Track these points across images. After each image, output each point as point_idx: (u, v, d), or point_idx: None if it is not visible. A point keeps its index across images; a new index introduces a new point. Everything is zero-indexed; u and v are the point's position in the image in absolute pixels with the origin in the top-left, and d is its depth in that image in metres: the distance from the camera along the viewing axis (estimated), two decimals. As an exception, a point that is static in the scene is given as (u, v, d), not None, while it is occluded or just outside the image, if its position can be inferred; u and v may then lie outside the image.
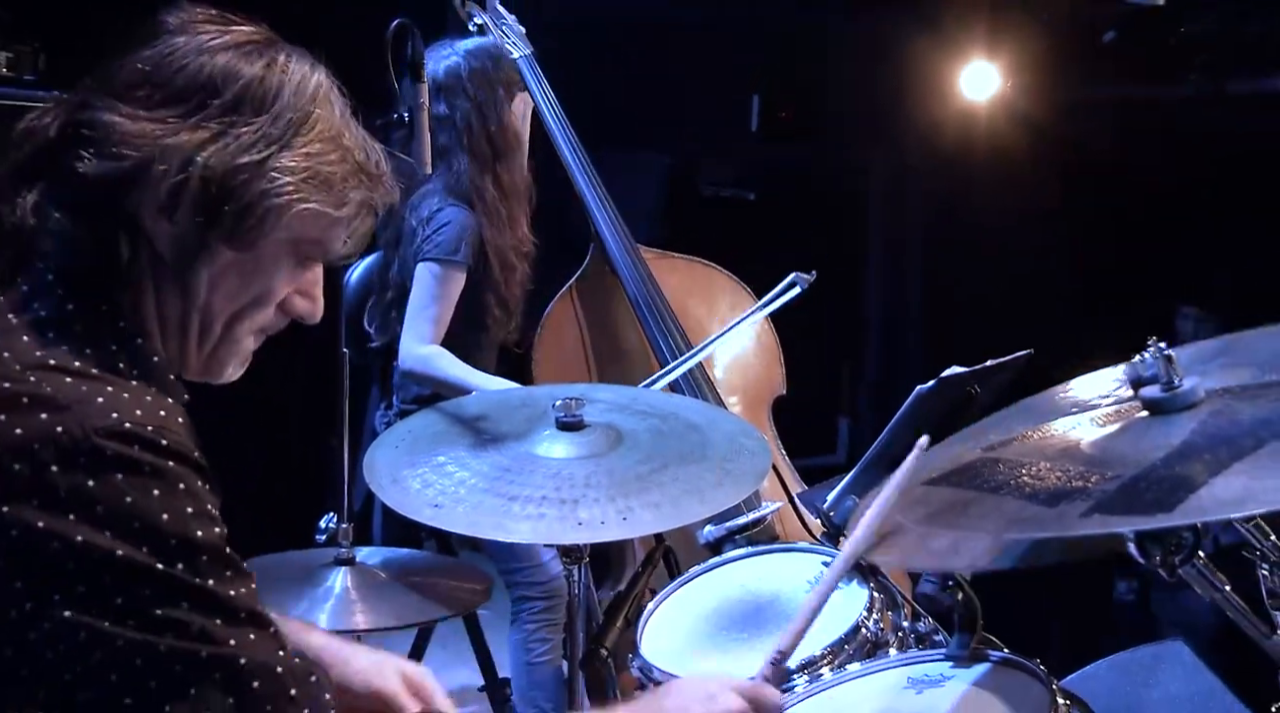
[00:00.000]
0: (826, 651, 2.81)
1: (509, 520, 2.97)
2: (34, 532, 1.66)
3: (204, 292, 1.93)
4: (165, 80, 1.89)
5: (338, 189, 1.95)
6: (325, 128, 1.95)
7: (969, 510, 2.06)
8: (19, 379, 1.74)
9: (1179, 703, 3.90)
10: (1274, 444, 1.80)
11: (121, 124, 1.85)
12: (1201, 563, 1.99)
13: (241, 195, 1.87)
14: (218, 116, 1.87)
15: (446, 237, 4.52)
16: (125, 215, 1.86)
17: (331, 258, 2.04)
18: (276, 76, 1.93)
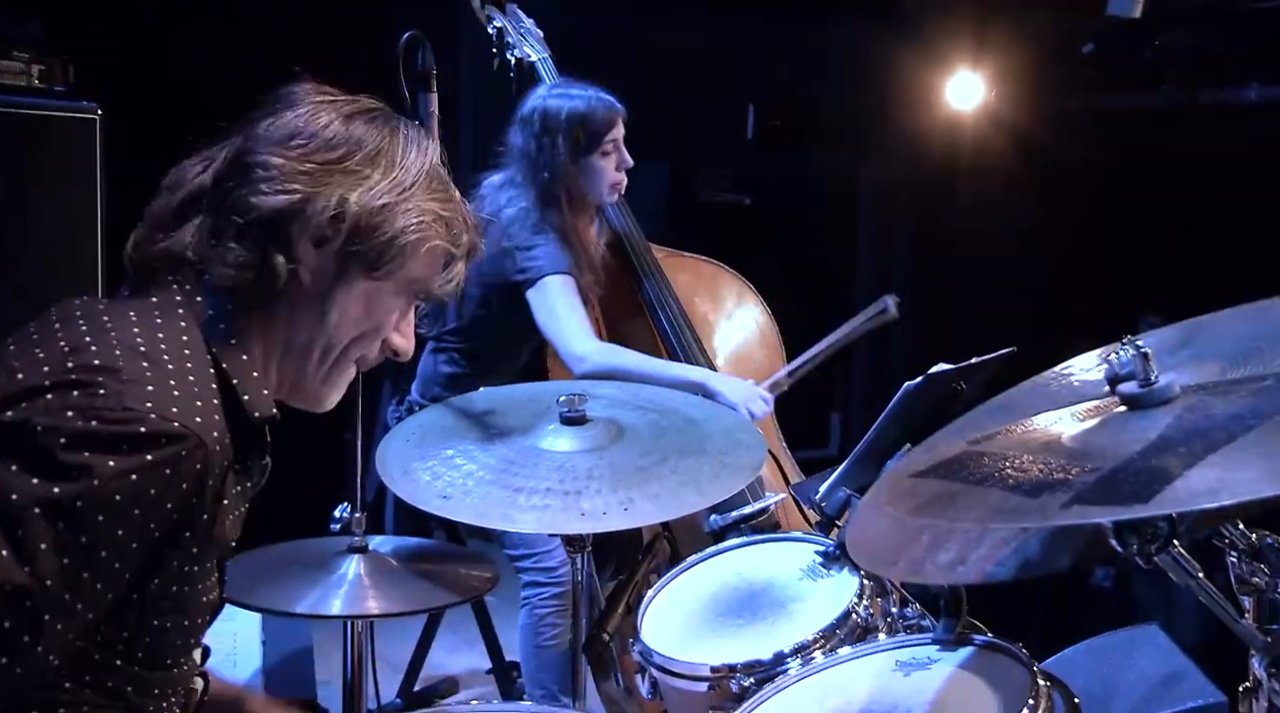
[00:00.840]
0: (819, 635, 2.81)
1: (515, 511, 2.97)
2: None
3: (334, 319, 2.09)
4: (315, 133, 2.06)
5: (455, 231, 2.16)
6: (441, 182, 2.16)
7: (956, 502, 2.06)
8: (103, 353, 1.86)
9: (1153, 683, 3.91)
10: (1245, 438, 1.79)
11: (287, 166, 2.02)
12: (1176, 551, 1.98)
13: (385, 230, 2.06)
14: (361, 165, 2.06)
15: (554, 256, 4.45)
16: (287, 243, 2.02)
17: (430, 297, 2.21)
18: (401, 139, 2.12)
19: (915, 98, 6.81)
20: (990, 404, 2.44)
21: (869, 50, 6.66)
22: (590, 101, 4.54)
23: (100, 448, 1.76)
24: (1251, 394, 1.93)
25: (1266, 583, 2.01)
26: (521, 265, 4.45)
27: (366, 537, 3.40)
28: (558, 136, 4.49)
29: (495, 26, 4.81)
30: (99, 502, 1.76)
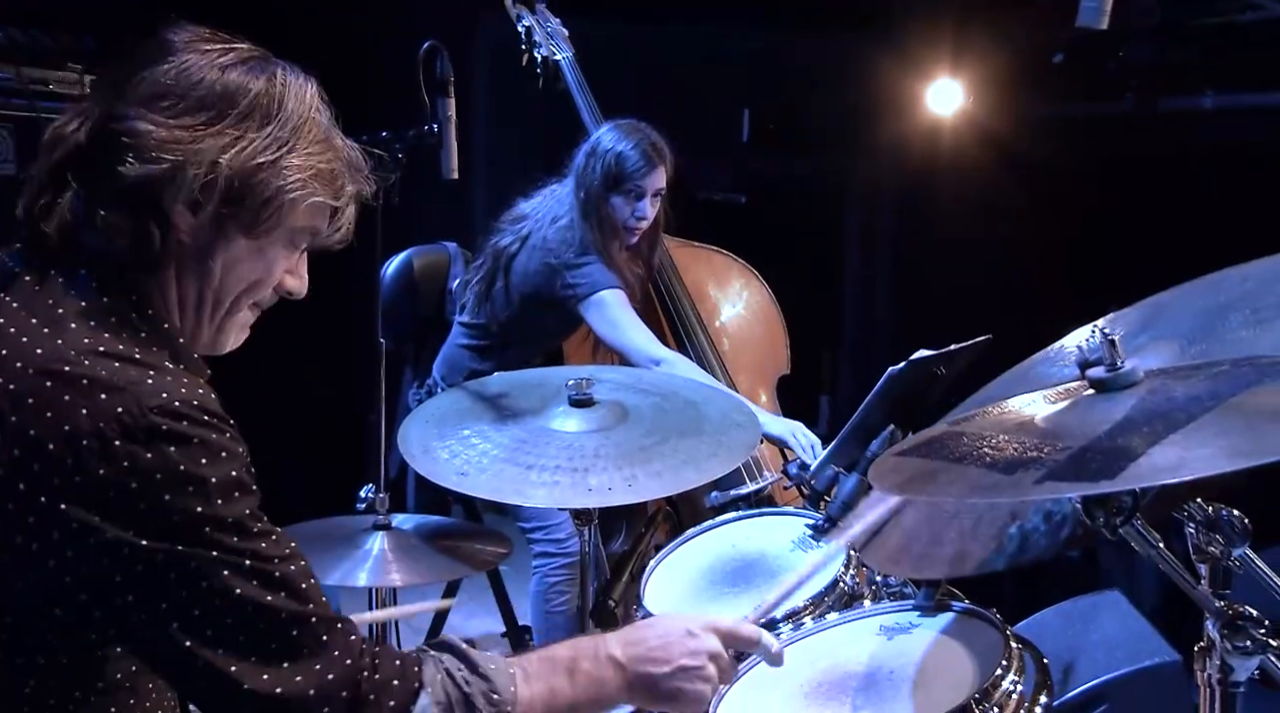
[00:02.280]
0: (809, 602, 2.81)
1: (527, 487, 2.98)
2: (104, 488, 1.71)
3: (219, 274, 1.96)
4: (185, 92, 1.90)
5: (336, 183, 2.00)
6: (319, 132, 1.99)
7: (937, 478, 2.06)
8: (76, 363, 1.77)
9: (1115, 644, 3.92)
10: (1204, 419, 1.79)
11: (156, 132, 1.87)
12: (1139, 523, 1.98)
13: (261, 192, 1.91)
14: (234, 124, 1.90)
15: (598, 274, 4.44)
16: (159, 210, 1.89)
17: (318, 244, 2.07)
18: (279, 89, 1.96)
19: (898, 103, 6.80)
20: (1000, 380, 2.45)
21: (856, 59, 6.65)
22: (637, 146, 4.50)
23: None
24: (1209, 378, 1.93)
25: (1221, 552, 2.01)
26: (571, 281, 4.44)
27: (390, 514, 3.40)
28: (598, 164, 4.48)
29: (524, 25, 4.80)
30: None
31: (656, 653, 2.10)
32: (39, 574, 1.73)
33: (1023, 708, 2.31)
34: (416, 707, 1.86)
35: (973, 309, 6.33)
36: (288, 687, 1.78)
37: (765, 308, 4.96)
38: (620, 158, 4.48)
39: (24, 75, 3.75)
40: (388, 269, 4.81)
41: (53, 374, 1.76)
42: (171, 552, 1.73)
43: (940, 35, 6.70)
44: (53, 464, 1.71)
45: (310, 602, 1.84)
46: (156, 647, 1.78)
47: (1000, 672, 2.33)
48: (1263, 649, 1.97)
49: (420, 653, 1.95)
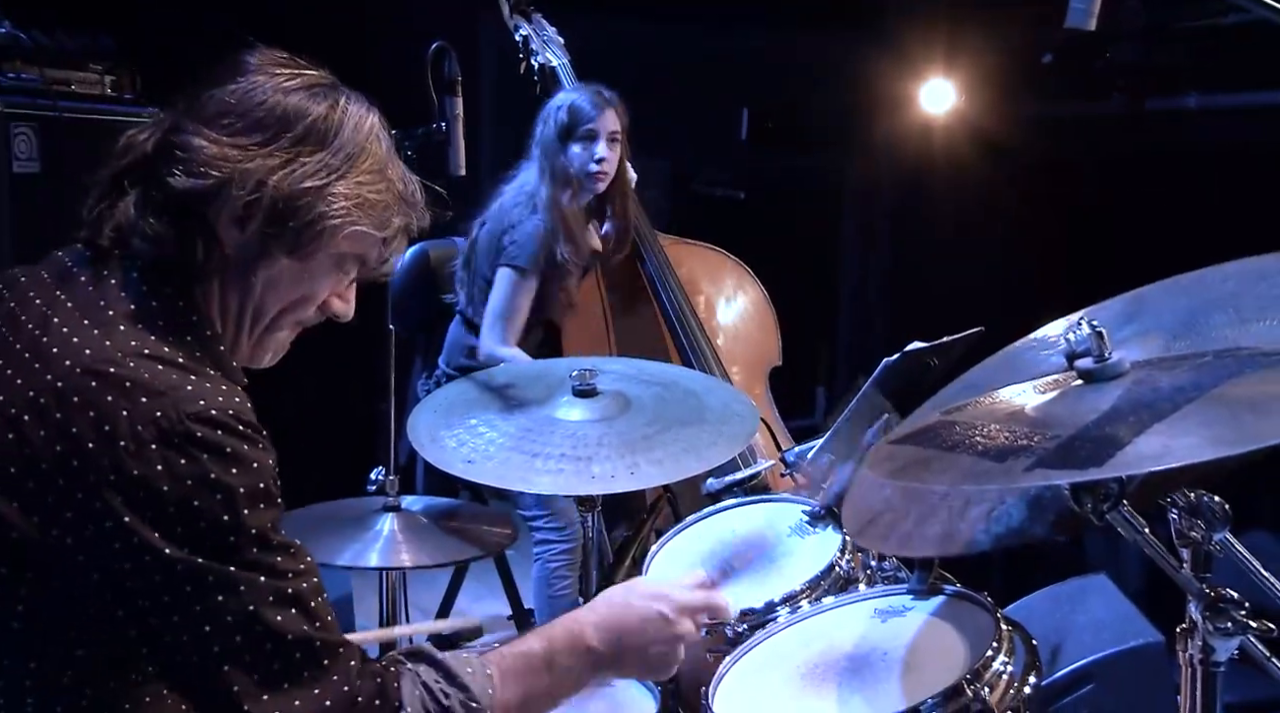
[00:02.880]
0: (805, 586, 2.80)
1: (532, 474, 2.98)
2: (136, 487, 1.72)
3: (259, 290, 1.98)
4: (245, 112, 1.93)
5: (382, 214, 2.01)
6: (375, 162, 2.00)
7: (930, 466, 2.06)
8: (120, 365, 1.78)
9: (1100, 626, 3.94)
10: (1188, 408, 1.80)
11: (207, 148, 1.90)
12: (1125, 509, 1.99)
13: (303, 215, 1.92)
14: (288, 147, 1.92)
15: (523, 246, 4.55)
16: (204, 223, 1.91)
17: (366, 272, 2.10)
18: (338, 116, 1.97)
19: (893, 102, 6.80)
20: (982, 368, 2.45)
21: (851, 60, 6.64)
22: (584, 94, 4.64)
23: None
24: (1193, 369, 1.93)
25: (1203, 536, 2.02)
26: (506, 242, 4.58)
27: (399, 497, 3.41)
28: (550, 120, 4.61)
29: (522, 34, 4.82)
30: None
31: (634, 640, 2.17)
32: (73, 569, 1.74)
33: (1012, 688, 2.32)
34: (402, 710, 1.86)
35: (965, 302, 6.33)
36: (285, 711, 1.78)
37: (757, 302, 4.97)
38: (570, 108, 4.61)
39: (48, 76, 3.76)
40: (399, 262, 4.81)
41: (98, 374, 1.77)
42: (191, 563, 1.74)
43: (933, 36, 6.70)
44: (90, 461, 1.73)
45: (318, 621, 1.84)
46: (169, 655, 1.79)
47: (991, 653, 2.33)
48: (1243, 630, 1.98)
49: (398, 667, 1.94)
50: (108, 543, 1.72)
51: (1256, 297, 2.06)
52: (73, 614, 1.76)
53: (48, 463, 1.74)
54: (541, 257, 4.54)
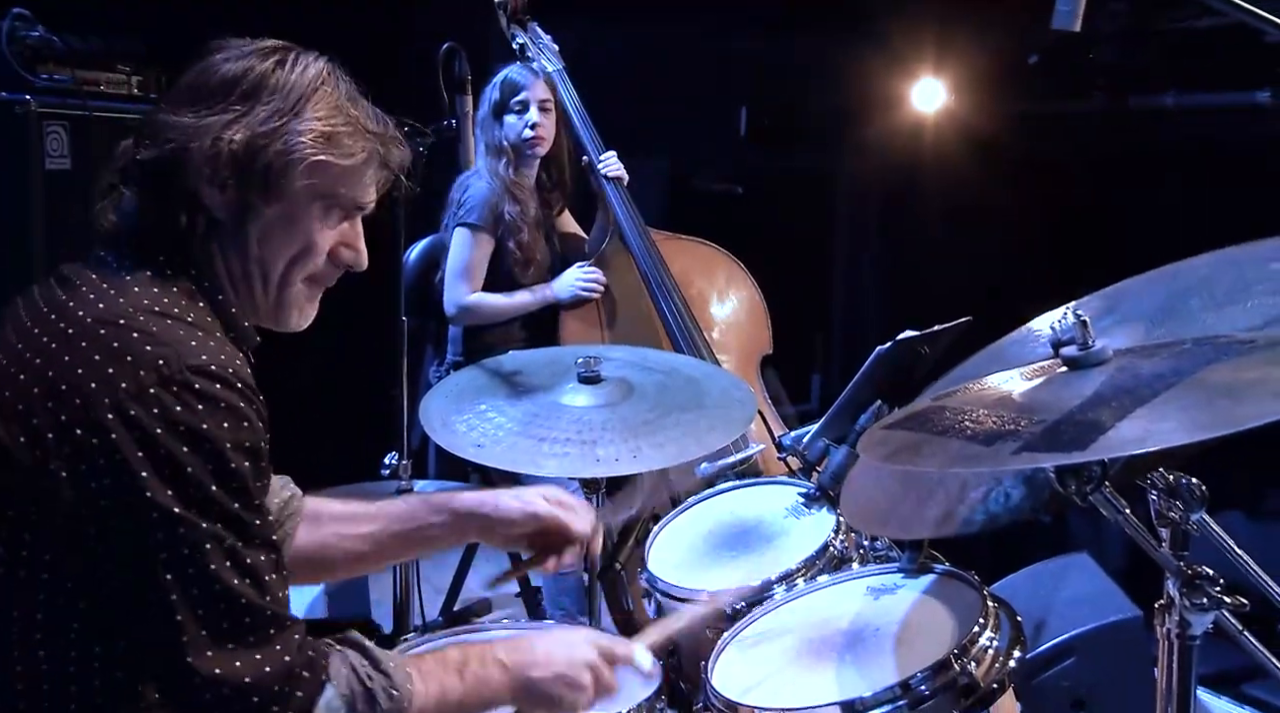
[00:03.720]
0: (801, 565, 2.82)
1: (539, 458, 2.98)
2: (131, 426, 1.74)
3: (255, 246, 1.99)
4: (199, 85, 1.96)
5: (344, 144, 1.98)
6: (329, 100, 1.99)
7: (921, 450, 2.06)
8: (130, 317, 1.83)
9: (1082, 602, 3.96)
10: (1167, 394, 1.80)
11: (165, 119, 1.94)
12: (1107, 490, 1.99)
13: (265, 157, 1.92)
14: (239, 103, 1.94)
15: (473, 207, 4.65)
16: (184, 191, 1.93)
17: (360, 206, 2.07)
18: (285, 68, 1.98)
19: (885, 101, 6.79)
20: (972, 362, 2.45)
21: (845, 60, 6.63)
22: (511, 70, 4.76)
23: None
24: (1172, 356, 1.94)
25: (1181, 516, 2.02)
26: (457, 208, 4.71)
27: (412, 480, 3.41)
28: (486, 101, 4.71)
29: (519, 43, 4.84)
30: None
31: (539, 658, 2.13)
32: (70, 502, 1.76)
33: (998, 662, 2.33)
34: (322, 699, 1.85)
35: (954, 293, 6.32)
36: (226, 669, 1.78)
37: (748, 294, 4.97)
38: (501, 84, 4.74)
39: (78, 77, 3.76)
40: (411, 253, 4.81)
41: (107, 323, 1.82)
42: (169, 510, 1.74)
43: (923, 38, 6.69)
44: (92, 400, 1.76)
45: (268, 595, 1.83)
46: (126, 598, 1.79)
47: (978, 629, 2.34)
48: (1217, 606, 2.00)
49: (328, 647, 1.94)
50: (100, 478, 1.74)
51: (1229, 283, 2.07)
52: (74, 551, 1.78)
53: (53, 401, 1.77)
54: (490, 215, 4.64)
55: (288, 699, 1.82)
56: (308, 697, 1.84)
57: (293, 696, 1.82)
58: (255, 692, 1.79)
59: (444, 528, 2.49)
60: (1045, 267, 5.76)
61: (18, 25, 3.66)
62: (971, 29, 6.51)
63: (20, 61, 3.65)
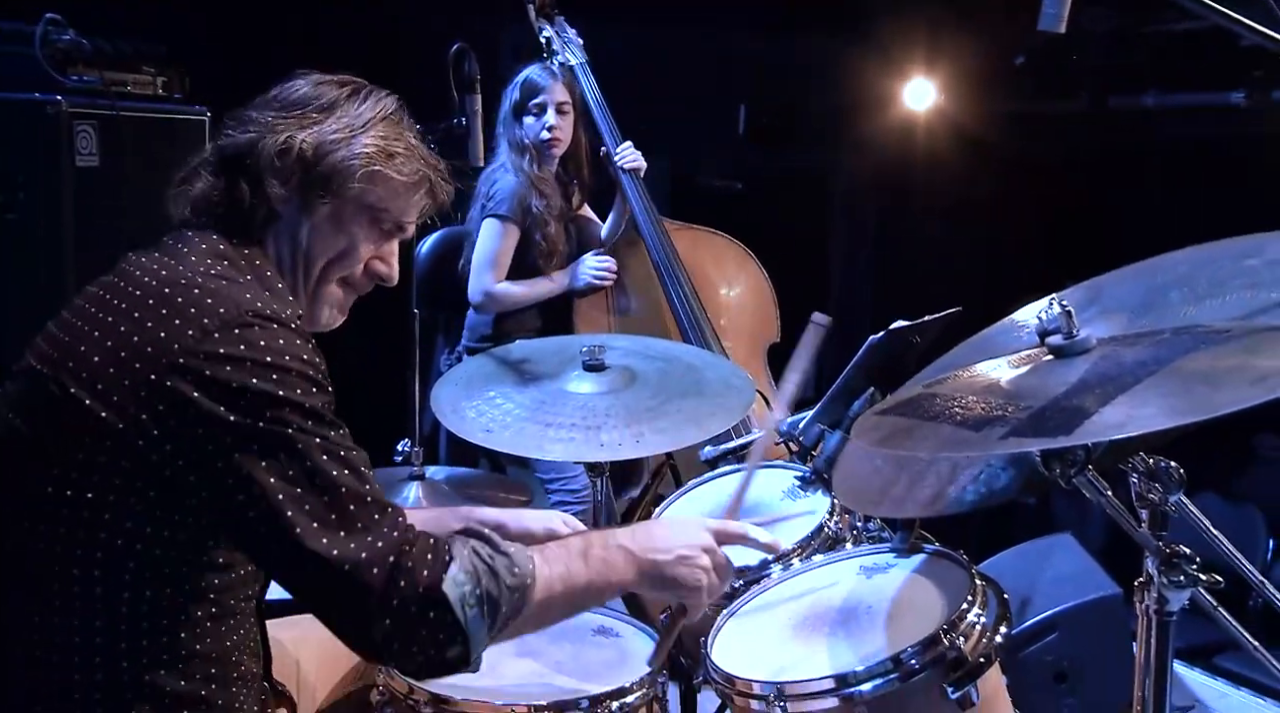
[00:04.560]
0: (797, 545, 2.82)
1: (545, 442, 2.99)
2: (203, 366, 1.83)
3: (305, 239, 2.10)
4: (284, 96, 2.12)
5: (401, 163, 2.11)
6: (395, 128, 2.13)
7: (913, 434, 2.07)
8: (191, 278, 1.94)
9: (1065, 580, 3.98)
10: (1148, 381, 1.81)
11: (250, 114, 2.09)
12: (1090, 473, 1.99)
13: (329, 159, 2.05)
14: (315, 114, 2.08)
15: (501, 199, 4.64)
16: (252, 178, 2.05)
17: (402, 227, 2.18)
18: (357, 97, 2.13)
19: (878, 101, 6.79)
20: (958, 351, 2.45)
21: (840, 61, 6.63)
22: (527, 74, 4.73)
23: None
24: (1153, 345, 1.94)
25: (1160, 498, 2.03)
26: (486, 200, 4.68)
27: (424, 466, 3.42)
28: (507, 100, 4.71)
29: (545, 36, 4.83)
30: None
31: (659, 543, 2.17)
32: (148, 443, 1.82)
33: (985, 637, 2.33)
34: (449, 574, 1.88)
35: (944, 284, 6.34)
36: (342, 550, 1.83)
37: (757, 283, 4.97)
38: (521, 84, 4.72)
39: (107, 78, 3.78)
40: (422, 247, 4.82)
41: (172, 282, 1.94)
42: (254, 427, 1.82)
43: (915, 40, 6.69)
44: (162, 347, 1.84)
45: (368, 485, 1.90)
46: (238, 511, 1.84)
47: (966, 606, 2.35)
48: (1194, 583, 2.01)
49: (451, 537, 1.97)
50: (180, 415, 1.82)
51: (1207, 278, 2.07)
52: (145, 493, 1.85)
53: (127, 351, 1.85)
54: (519, 207, 4.63)
55: (411, 573, 1.86)
56: (434, 573, 1.88)
57: (416, 570, 1.86)
58: (373, 566, 1.84)
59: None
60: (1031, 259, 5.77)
61: (50, 30, 3.68)
62: (961, 31, 6.52)
63: (52, 64, 3.67)
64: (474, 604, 1.89)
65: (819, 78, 6.67)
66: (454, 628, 1.87)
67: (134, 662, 1.88)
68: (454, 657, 1.90)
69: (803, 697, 2.31)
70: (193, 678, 1.94)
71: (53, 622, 1.87)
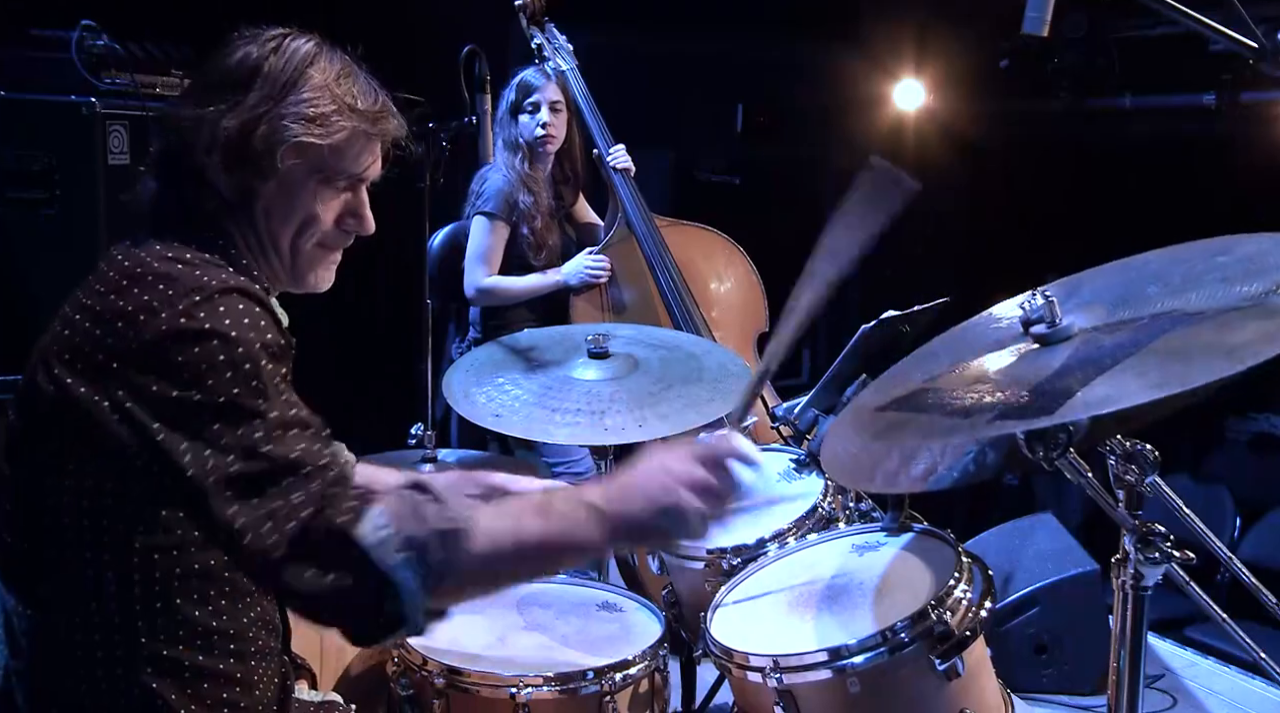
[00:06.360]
0: (792, 525, 2.82)
1: (552, 427, 2.99)
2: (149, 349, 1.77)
3: (263, 221, 1.99)
4: (204, 78, 2.00)
5: (329, 122, 1.96)
6: (316, 81, 1.97)
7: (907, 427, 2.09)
8: (148, 265, 1.84)
9: (1046, 557, 4.00)
10: (1125, 362, 1.81)
11: (174, 112, 2.00)
12: (1071, 456, 2.00)
13: (256, 143, 1.92)
14: (232, 93, 1.94)
15: (489, 196, 4.63)
16: (191, 175, 1.95)
17: (359, 178, 2.05)
18: (277, 55, 1.97)
19: (869, 100, 6.79)
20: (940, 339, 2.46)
21: (834, 63, 6.62)
22: (522, 75, 4.73)
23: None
24: (1131, 330, 1.94)
25: (1136, 479, 2.03)
26: (475, 197, 4.67)
27: (436, 449, 3.42)
28: (504, 103, 4.69)
29: (536, 42, 4.82)
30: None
31: (632, 496, 1.87)
32: (112, 426, 1.77)
33: (971, 612, 2.34)
34: (365, 516, 1.75)
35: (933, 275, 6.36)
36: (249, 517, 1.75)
37: (745, 275, 4.96)
38: (517, 86, 4.71)
39: (137, 81, 3.79)
40: (435, 240, 4.82)
41: (129, 273, 1.84)
42: (203, 401, 1.75)
43: (905, 43, 6.69)
44: (116, 336, 1.78)
45: (301, 445, 1.80)
46: (190, 486, 1.76)
47: (953, 582, 2.36)
48: (1168, 560, 2.01)
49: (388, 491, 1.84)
50: (136, 399, 1.76)
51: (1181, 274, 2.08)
52: (117, 475, 1.80)
53: (90, 345, 1.79)
54: (505, 204, 4.62)
55: (327, 519, 1.75)
56: (348, 518, 1.75)
57: (330, 517, 1.75)
58: (289, 521, 1.75)
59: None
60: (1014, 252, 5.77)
61: (85, 35, 3.70)
62: (949, 34, 6.51)
63: (87, 67, 3.69)
64: (397, 549, 1.74)
65: (813, 78, 6.66)
66: (376, 573, 1.73)
67: (152, 638, 1.86)
68: (391, 613, 1.75)
69: (798, 669, 2.32)
70: (210, 653, 1.91)
71: (71, 602, 1.85)
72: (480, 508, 1.83)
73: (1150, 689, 3.81)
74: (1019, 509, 4.64)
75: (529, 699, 2.43)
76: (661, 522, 1.87)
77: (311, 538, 1.74)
